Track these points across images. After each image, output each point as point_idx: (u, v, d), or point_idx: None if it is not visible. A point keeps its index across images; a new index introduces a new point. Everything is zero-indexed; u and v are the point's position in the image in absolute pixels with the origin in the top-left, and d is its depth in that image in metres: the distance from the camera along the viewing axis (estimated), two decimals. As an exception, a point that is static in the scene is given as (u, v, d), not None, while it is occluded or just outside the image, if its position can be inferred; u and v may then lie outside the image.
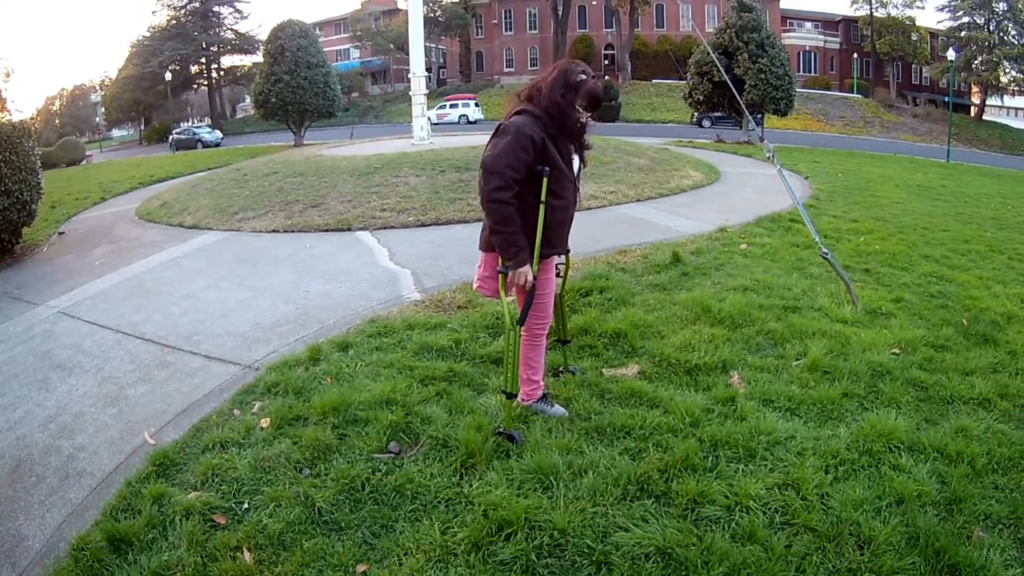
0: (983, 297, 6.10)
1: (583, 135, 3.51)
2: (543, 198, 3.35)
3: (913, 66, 62.48)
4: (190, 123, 57.12)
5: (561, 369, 4.23)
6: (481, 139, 16.79)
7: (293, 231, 9.20)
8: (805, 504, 2.87)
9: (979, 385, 4.10)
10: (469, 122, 46.27)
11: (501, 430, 3.45)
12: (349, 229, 9.03)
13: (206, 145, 42.33)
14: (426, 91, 17.22)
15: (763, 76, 26.51)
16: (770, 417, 3.56)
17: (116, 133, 69.87)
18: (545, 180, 3.33)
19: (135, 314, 6.17)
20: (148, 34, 56.90)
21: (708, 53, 27.99)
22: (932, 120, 54.76)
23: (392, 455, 3.29)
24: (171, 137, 45.65)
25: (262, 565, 2.64)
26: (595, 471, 3.08)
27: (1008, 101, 59.89)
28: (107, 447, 3.82)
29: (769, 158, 6.37)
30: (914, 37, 58.75)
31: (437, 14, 63.02)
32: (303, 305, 5.95)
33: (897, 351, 4.60)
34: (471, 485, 3.05)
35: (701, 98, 28.26)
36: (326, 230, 9.09)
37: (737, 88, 26.86)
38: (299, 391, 4.02)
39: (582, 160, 3.61)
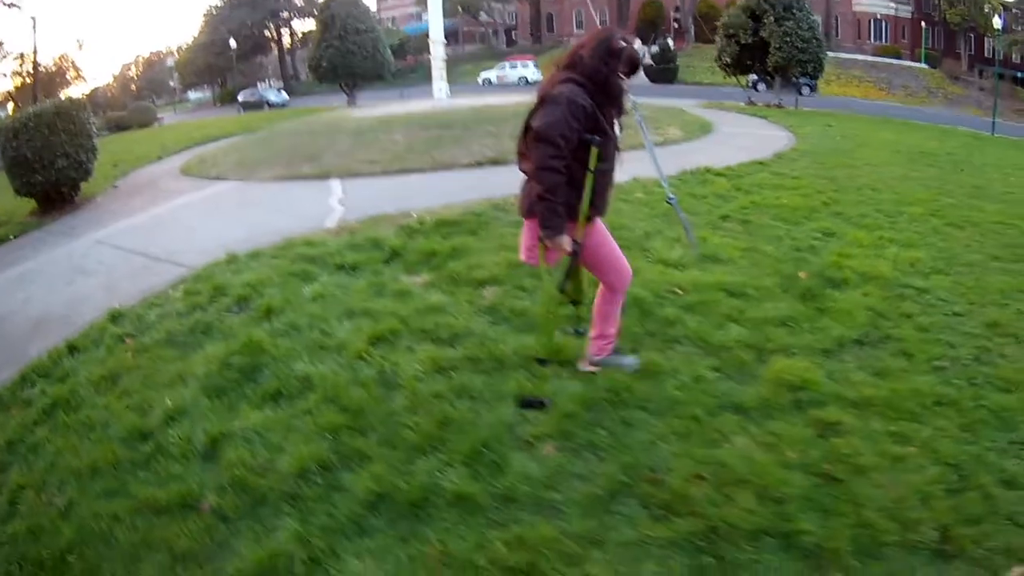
0: (858, 256, 6.14)
1: (621, 99, 3.56)
2: (591, 167, 3.41)
3: (986, 39, 57.77)
4: (265, 85, 59.60)
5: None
6: (503, 99, 17.99)
7: (287, 180, 11.10)
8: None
9: (733, 332, 4.43)
10: (528, 83, 45.15)
11: (528, 399, 3.59)
12: (328, 177, 10.74)
13: (272, 106, 43.61)
14: (444, 56, 19.09)
15: (788, 39, 25.83)
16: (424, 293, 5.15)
17: (192, 96, 73.09)
18: (595, 150, 3.39)
19: (145, 240, 8.33)
20: (219, 3, 59.57)
21: (737, 16, 27.26)
22: (999, 94, 50.99)
23: (235, 313, 5.20)
24: (240, 98, 47.92)
25: (133, 358, 4.68)
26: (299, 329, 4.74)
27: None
28: (92, 311, 5.94)
29: (635, 116, 6.72)
30: (986, 9, 53.89)
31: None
32: (256, 233, 7.70)
33: (680, 291, 5.04)
34: (255, 328, 4.74)
35: (729, 60, 27.95)
36: (310, 179, 10.90)
37: (764, 51, 26.61)
38: (207, 278, 6.02)
39: (619, 124, 3.63)
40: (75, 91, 55.32)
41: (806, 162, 11.86)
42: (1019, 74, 55.20)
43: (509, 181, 8.57)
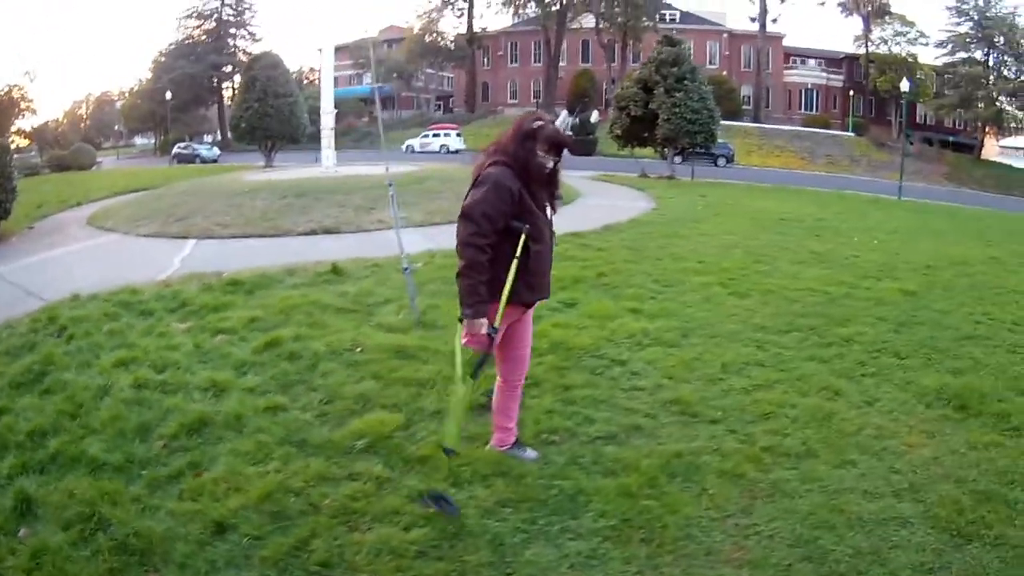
0: (572, 327, 6.38)
1: (553, 181, 3.53)
2: (518, 254, 3.34)
3: (918, 105, 58.58)
4: (203, 138, 59.91)
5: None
6: (377, 170, 18.88)
7: (156, 236, 13.09)
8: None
9: (363, 387, 5.10)
10: (449, 151, 45.77)
11: (433, 494, 3.43)
12: (187, 237, 12.56)
13: (204, 161, 44.14)
14: (333, 126, 20.58)
15: (677, 110, 25.75)
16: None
17: (139, 141, 72.85)
18: (523, 236, 3.33)
19: (29, 276, 10.48)
20: (166, 50, 60.56)
21: (628, 88, 27.46)
22: (925, 159, 50.75)
23: (53, 337, 7.18)
24: (173, 151, 48.10)
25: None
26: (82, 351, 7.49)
27: (1021, 141, 56.32)
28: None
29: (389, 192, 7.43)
30: (919, 75, 54.78)
31: (444, 42, 64.61)
32: (107, 279, 8.88)
33: (360, 349, 5.90)
34: (55, 348, 6.36)
35: (619, 132, 28.16)
36: (174, 237, 12.74)
37: (654, 122, 26.62)
38: (50, 311, 7.79)
39: (552, 207, 3.59)
40: (24, 123, 55.53)
41: (630, 234, 12.13)
42: (950, 138, 56.32)
43: (333, 249, 10.65)
